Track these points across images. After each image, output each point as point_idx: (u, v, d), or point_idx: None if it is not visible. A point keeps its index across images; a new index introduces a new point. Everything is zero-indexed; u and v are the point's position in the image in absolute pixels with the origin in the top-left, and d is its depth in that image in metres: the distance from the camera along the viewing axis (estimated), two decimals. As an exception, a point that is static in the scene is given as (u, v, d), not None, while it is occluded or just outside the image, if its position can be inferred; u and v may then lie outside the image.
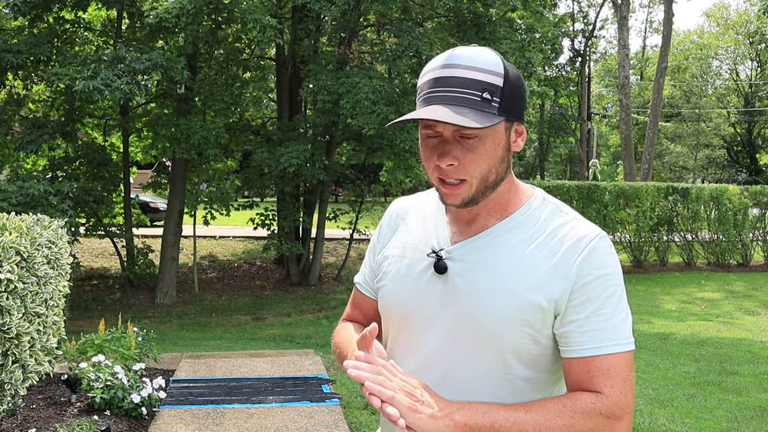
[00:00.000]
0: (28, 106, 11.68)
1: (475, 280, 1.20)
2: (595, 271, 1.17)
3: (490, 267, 1.20)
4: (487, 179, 1.18)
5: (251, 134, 12.88)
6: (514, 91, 1.17)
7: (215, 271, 13.39)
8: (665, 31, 22.18)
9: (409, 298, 1.28)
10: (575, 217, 1.24)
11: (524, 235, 1.22)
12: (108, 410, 4.34)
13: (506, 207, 1.25)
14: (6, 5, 9.20)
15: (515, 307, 1.17)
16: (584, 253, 1.17)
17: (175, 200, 11.31)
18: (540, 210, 1.24)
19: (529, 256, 1.19)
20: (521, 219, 1.23)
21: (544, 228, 1.21)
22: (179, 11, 9.06)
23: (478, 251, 1.22)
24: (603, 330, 1.16)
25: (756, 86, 37.52)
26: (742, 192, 14.66)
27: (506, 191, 1.24)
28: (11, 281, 3.65)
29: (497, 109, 1.14)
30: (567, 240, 1.18)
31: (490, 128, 1.14)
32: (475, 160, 1.16)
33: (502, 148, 1.18)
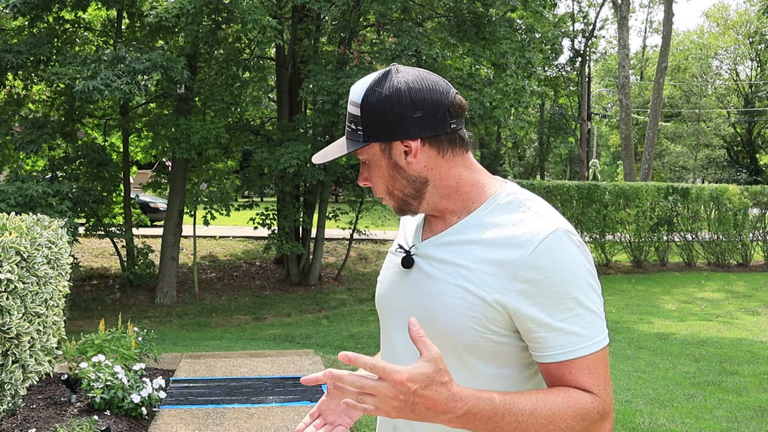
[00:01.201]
0: (28, 106, 11.68)
1: (431, 275, 1.23)
2: (552, 270, 1.13)
3: (446, 263, 1.22)
4: (393, 194, 1.26)
5: (251, 134, 12.89)
6: (376, 114, 1.20)
7: (215, 271, 13.39)
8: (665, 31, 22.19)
9: (384, 294, 1.36)
10: (536, 212, 1.20)
11: (482, 231, 1.21)
12: (108, 410, 4.34)
13: (468, 205, 1.25)
14: (6, 5, 9.20)
15: (464, 304, 1.17)
16: (539, 251, 1.13)
17: (175, 200, 11.31)
18: (503, 206, 1.23)
19: (483, 253, 1.18)
20: (482, 216, 1.23)
21: (502, 224, 1.20)
22: (179, 11, 9.07)
23: (438, 248, 1.25)
24: (575, 333, 1.13)
25: (756, 86, 37.52)
26: (742, 192, 14.66)
27: (468, 190, 1.25)
28: (11, 281, 3.65)
29: (362, 137, 1.21)
30: (522, 237, 1.16)
31: (370, 153, 1.23)
32: (374, 179, 1.26)
33: (388, 166, 1.23)
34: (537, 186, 13.87)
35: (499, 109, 11.16)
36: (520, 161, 40.26)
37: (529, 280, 1.13)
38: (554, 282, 1.13)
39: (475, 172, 1.27)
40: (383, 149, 1.22)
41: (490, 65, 12.21)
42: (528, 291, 1.13)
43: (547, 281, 1.13)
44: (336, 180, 13.59)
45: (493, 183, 1.28)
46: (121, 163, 11.81)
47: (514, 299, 1.14)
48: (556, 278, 1.13)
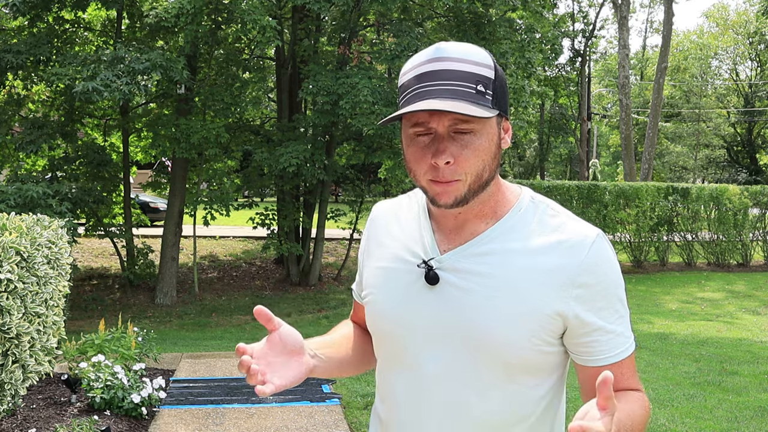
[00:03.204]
0: (28, 106, 11.68)
1: (470, 291, 1.13)
2: (606, 272, 1.13)
3: (488, 277, 1.13)
4: (481, 177, 1.11)
5: (251, 134, 12.88)
6: (503, 85, 1.13)
7: (215, 271, 13.39)
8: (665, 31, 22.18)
9: (397, 313, 1.20)
10: (569, 215, 1.18)
11: (520, 239, 1.14)
12: (108, 410, 4.34)
13: (495, 210, 1.18)
14: (5, 5, 9.20)
15: (520, 318, 1.11)
16: (591, 255, 1.12)
17: (175, 200, 11.31)
18: (531, 210, 1.17)
19: (529, 262, 1.13)
20: (513, 222, 1.16)
21: (540, 230, 1.15)
22: (178, 11, 9.07)
23: (471, 259, 1.15)
24: (622, 334, 1.16)
25: (756, 86, 37.52)
26: (742, 192, 14.66)
27: (494, 192, 1.17)
28: (11, 281, 3.65)
29: (491, 102, 1.09)
30: (568, 241, 1.12)
31: (484, 123, 1.09)
32: (470, 156, 1.09)
33: (495, 143, 1.11)
34: (537, 186, 13.87)
35: (499, 109, 11.15)
36: (520, 161, 40.26)
37: (584, 285, 1.11)
38: (606, 285, 1.13)
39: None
40: (498, 123, 1.13)
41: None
42: (583, 296, 1.11)
43: (600, 285, 1.12)
44: (336, 180, 13.59)
45: (510, 185, 1.23)
46: (121, 163, 11.80)
47: (572, 306, 1.12)
48: (608, 281, 1.13)
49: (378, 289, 1.25)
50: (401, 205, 1.31)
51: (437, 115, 1.08)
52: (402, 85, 1.14)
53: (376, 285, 1.25)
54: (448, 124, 1.08)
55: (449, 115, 1.07)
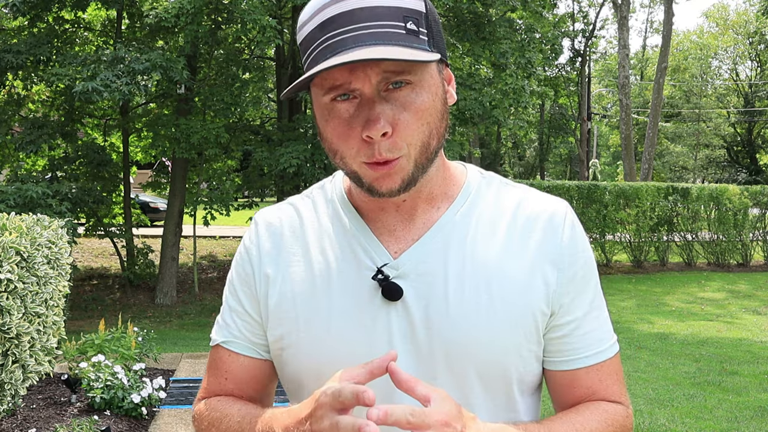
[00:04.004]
0: (28, 106, 11.68)
1: (448, 297, 0.87)
2: (582, 252, 0.93)
3: (461, 274, 0.88)
4: (428, 146, 0.84)
5: (251, 134, 12.89)
6: (436, 20, 0.86)
7: (215, 271, 13.40)
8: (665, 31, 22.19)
9: (351, 349, 0.88)
10: (526, 188, 0.97)
11: (485, 221, 0.91)
12: (108, 410, 4.34)
13: (445, 190, 0.93)
14: (5, 5, 9.20)
15: (515, 321, 0.88)
16: (567, 231, 0.92)
17: (175, 200, 11.32)
18: (484, 187, 0.95)
19: (503, 247, 0.90)
20: (469, 203, 0.93)
21: (502, 207, 0.93)
22: (178, 11, 9.07)
23: (435, 256, 0.89)
24: (601, 328, 0.94)
25: (756, 86, 37.52)
26: (742, 192, 14.66)
27: (441, 167, 0.93)
28: (11, 281, 3.65)
29: (427, 43, 0.82)
30: (539, 217, 0.92)
31: (422, 72, 0.82)
32: (411, 120, 0.81)
33: (440, 99, 0.85)
34: (537, 186, 13.86)
35: (499, 109, 11.16)
36: (520, 161, 40.28)
37: (565, 268, 0.91)
38: (584, 267, 0.93)
39: None
40: (440, 69, 0.87)
41: (489, 65, 12.21)
42: (564, 280, 0.91)
43: (577, 266, 0.92)
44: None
45: (451, 162, 0.99)
46: (121, 163, 11.81)
47: (559, 295, 0.91)
48: (584, 262, 0.93)
49: (311, 323, 0.90)
50: (300, 208, 0.99)
51: (360, 70, 0.79)
52: (303, 40, 0.84)
53: (307, 319, 0.91)
54: (376, 80, 0.80)
55: (376, 68, 0.79)
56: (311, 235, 0.95)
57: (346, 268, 0.91)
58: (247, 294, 0.98)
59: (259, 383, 1.00)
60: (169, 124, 10.67)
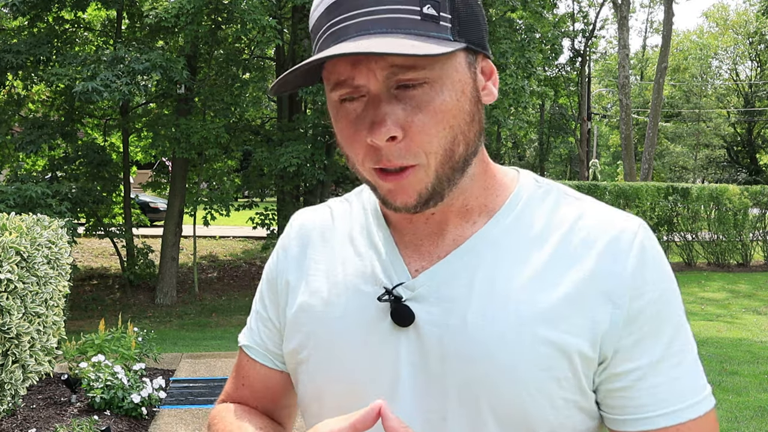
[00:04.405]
0: (28, 106, 11.69)
1: (467, 326, 0.73)
2: (655, 284, 0.74)
3: (486, 301, 0.74)
4: (452, 154, 0.71)
5: (251, 134, 12.89)
6: (470, 3, 0.72)
7: (215, 271, 13.39)
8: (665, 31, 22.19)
9: (353, 376, 0.78)
10: (593, 202, 0.80)
11: (526, 239, 0.76)
12: (108, 410, 4.35)
13: (485, 202, 0.78)
14: (5, 5, 9.20)
15: (543, 362, 0.72)
16: (634, 257, 0.74)
17: (175, 200, 11.32)
18: (537, 199, 0.79)
19: (543, 273, 0.74)
20: (514, 216, 0.78)
21: (553, 224, 0.77)
22: (178, 11, 9.07)
23: (459, 278, 0.75)
24: (682, 380, 0.74)
25: (756, 86, 37.53)
26: (742, 192, 14.66)
27: (481, 176, 0.78)
28: (11, 281, 3.65)
29: (450, 30, 0.69)
30: (598, 239, 0.74)
31: (443, 66, 0.69)
32: (427, 123, 0.69)
33: (468, 97, 0.71)
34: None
35: (499, 109, 11.16)
36: (520, 161, 40.28)
37: (625, 303, 0.73)
38: (655, 302, 0.74)
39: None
40: (469, 63, 0.72)
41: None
42: (621, 319, 0.73)
43: (645, 301, 0.73)
44: (336, 180, 13.59)
45: (502, 169, 0.84)
46: (121, 163, 11.81)
47: (613, 336, 0.73)
48: (657, 296, 0.74)
49: (321, 339, 0.81)
50: (336, 210, 0.90)
51: (363, 64, 0.68)
52: (312, 27, 0.75)
53: (317, 334, 0.82)
54: (383, 75, 0.68)
55: (382, 62, 0.67)
56: (338, 243, 0.85)
57: (361, 284, 0.79)
58: (272, 300, 0.91)
59: (274, 395, 0.93)
60: (169, 124, 10.67)
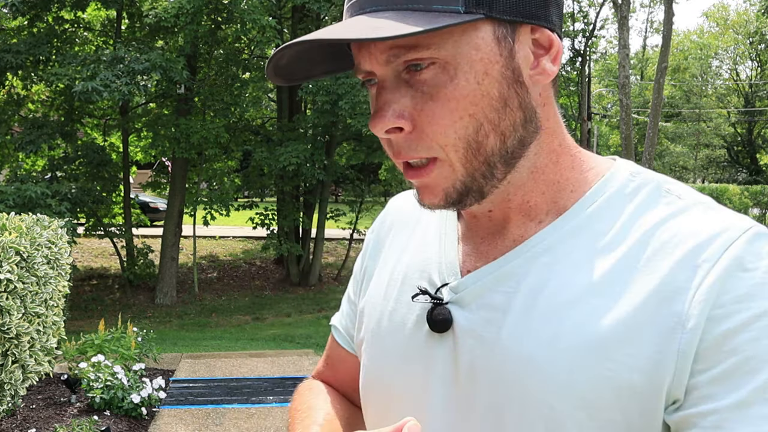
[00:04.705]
0: (28, 106, 11.69)
1: (497, 343, 0.63)
2: (753, 302, 0.56)
3: (529, 313, 0.63)
4: (480, 147, 0.61)
5: (251, 134, 12.90)
6: None
7: (215, 271, 13.39)
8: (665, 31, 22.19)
9: (387, 380, 0.73)
10: (698, 201, 0.65)
11: (590, 245, 0.63)
12: (108, 410, 4.34)
13: (557, 198, 0.66)
14: (5, 5, 9.21)
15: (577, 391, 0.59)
16: (723, 266, 0.57)
17: (175, 200, 11.32)
18: (622, 197, 0.65)
19: (599, 287, 0.60)
20: (585, 216, 0.64)
21: (633, 226, 0.62)
22: (178, 11, 9.08)
23: (506, 284, 0.65)
24: None
25: (756, 86, 37.54)
26: (742, 192, 14.67)
27: (549, 169, 0.66)
28: (11, 281, 3.65)
29: (465, 1, 0.57)
30: (680, 243, 0.59)
31: (458, 40, 0.59)
32: (440, 113, 0.60)
33: (495, 77, 0.60)
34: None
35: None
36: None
37: (699, 327, 0.56)
38: (754, 327, 0.55)
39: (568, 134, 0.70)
40: (503, 36, 0.60)
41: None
42: (700, 348, 0.56)
43: (731, 325, 0.56)
44: (336, 180, 13.59)
45: (593, 158, 0.70)
46: (120, 163, 11.81)
47: (679, 371, 0.57)
48: (748, 320, 0.56)
49: (374, 332, 0.76)
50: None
51: (364, 47, 0.61)
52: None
53: (372, 326, 0.76)
54: (383, 59, 0.60)
55: (380, 44, 0.60)
56: (416, 232, 0.77)
57: (416, 279, 0.72)
58: (356, 284, 0.88)
59: (353, 380, 0.85)
60: (168, 124, 10.67)
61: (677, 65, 38.64)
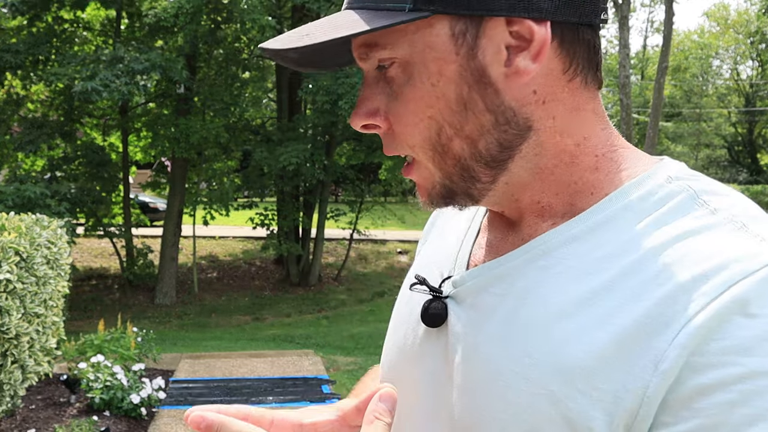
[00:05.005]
0: (27, 106, 11.69)
1: (474, 349, 0.60)
2: (734, 358, 0.47)
3: (502, 324, 0.58)
4: (446, 149, 0.58)
5: (251, 134, 12.90)
6: None
7: (215, 271, 13.39)
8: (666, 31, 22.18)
9: (393, 368, 0.71)
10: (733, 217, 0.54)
11: (590, 255, 0.56)
12: (107, 411, 4.34)
13: (574, 200, 0.59)
14: (4, 5, 9.20)
15: (528, 422, 0.54)
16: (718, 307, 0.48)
17: (175, 200, 11.31)
18: (647, 203, 0.57)
19: (581, 307, 0.54)
20: (599, 222, 0.57)
21: (644, 241, 0.54)
22: (177, 11, 9.07)
23: (497, 285, 0.60)
24: None
25: (757, 86, 37.55)
26: (742, 192, 14.65)
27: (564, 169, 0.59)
28: (10, 281, 3.64)
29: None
30: (683, 270, 0.51)
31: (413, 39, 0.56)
32: (403, 113, 0.58)
33: (451, 78, 0.56)
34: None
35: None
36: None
37: (676, 373, 0.48)
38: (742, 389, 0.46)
39: (608, 128, 0.63)
40: (461, 32, 0.55)
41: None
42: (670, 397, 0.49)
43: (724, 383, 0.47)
44: (336, 180, 13.59)
45: (635, 157, 0.62)
46: (120, 163, 11.81)
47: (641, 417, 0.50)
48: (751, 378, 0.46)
49: (391, 323, 0.75)
50: None
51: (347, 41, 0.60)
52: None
53: (392, 317, 0.75)
54: (358, 54, 0.59)
55: (354, 40, 0.59)
56: (453, 221, 0.74)
57: (429, 269, 0.70)
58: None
59: None
60: (168, 124, 10.67)
61: (678, 65, 38.64)
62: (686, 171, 0.59)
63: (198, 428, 0.55)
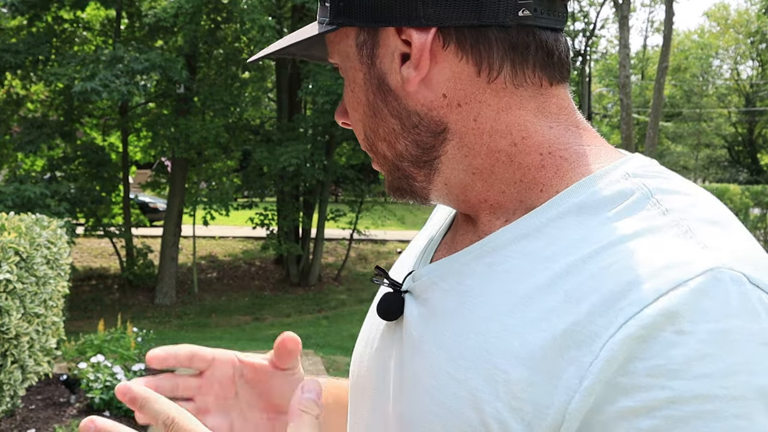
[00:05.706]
0: (27, 106, 11.69)
1: (423, 342, 0.59)
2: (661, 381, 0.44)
3: (444, 320, 0.58)
4: (375, 150, 0.63)
5: (251, 134, 12.90)
6: None
7: (215, 271, 13.39)
8: (666, 31, 22.18)
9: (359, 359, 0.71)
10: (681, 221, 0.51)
11: (538, 255, 0.54)
12: (107, 411, 4.34)
13: (523, 197, 0.59)
14: (4, 4, 9.21)
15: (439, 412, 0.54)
16: (641, 321, 0.45)
17: (175, 200, 11.31)
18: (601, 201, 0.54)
19: (513, 309, 0.53)
20: (547, 220, 0.56)
21: (588, 241, 0.53)
22: (177, 11, 9.08)
23: (446, 281, 0.60)
24: None
25: (757, 86, 37.55)
26: (743, 192, 14.65)
27: (503, 168, 0.58)
28: (10, 281, 3.64)
29: (329, 12, 0.59)
30: (615, 276, 0.49)
31: (339, 49, 0.61)
32: (348, 107, 0.64)
33: (361, 85, 0.60)
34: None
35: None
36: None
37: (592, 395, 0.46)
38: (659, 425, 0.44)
39: (561, 126, 0.59)
40: (362, 43, 0.59)
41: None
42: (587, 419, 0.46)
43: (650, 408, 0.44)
44: (336, 180, 13.59)
45: (598, 154, 0.59)
46: (120, 163, 11.81)
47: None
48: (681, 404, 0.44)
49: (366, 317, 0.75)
50: None
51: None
52: None
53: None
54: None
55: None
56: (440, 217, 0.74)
57: (403, 264, 0.71)
58: None
59: None
60: (168, 124, 10.67)
61: (678, 65, 38.64)
62: (649, 168, 0.57)
63: (123, 399, 0.59)
